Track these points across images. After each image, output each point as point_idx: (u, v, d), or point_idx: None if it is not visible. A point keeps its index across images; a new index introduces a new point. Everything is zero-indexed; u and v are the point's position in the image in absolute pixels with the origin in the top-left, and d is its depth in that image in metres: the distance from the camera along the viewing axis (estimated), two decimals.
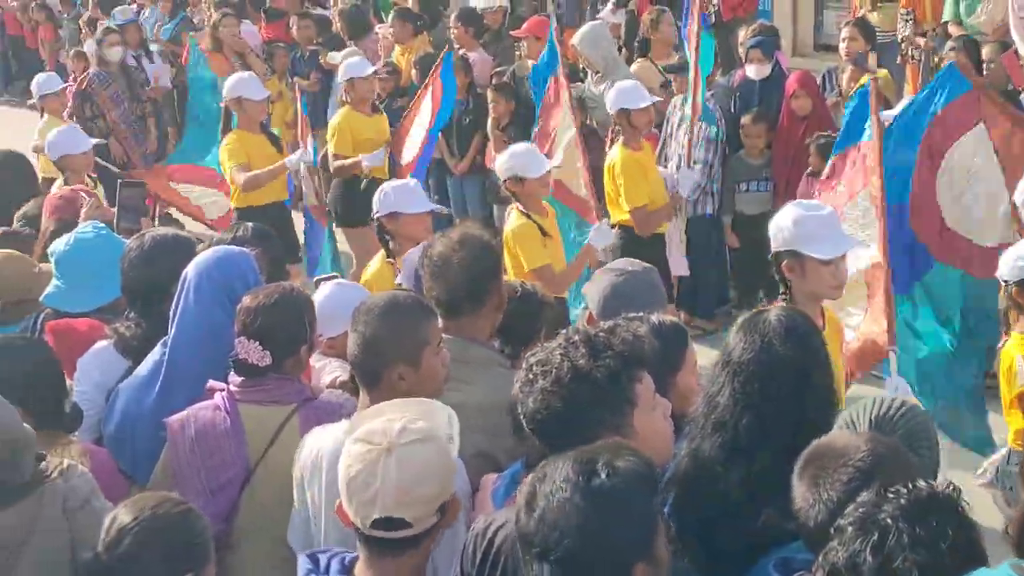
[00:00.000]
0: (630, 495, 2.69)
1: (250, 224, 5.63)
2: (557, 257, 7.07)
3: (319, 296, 5.07)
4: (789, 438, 3.29)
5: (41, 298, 5.13)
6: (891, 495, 2.57)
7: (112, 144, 11.64)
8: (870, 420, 3.26)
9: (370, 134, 9.48)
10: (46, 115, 11.00)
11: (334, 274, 6.43)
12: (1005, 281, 5.43)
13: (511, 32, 11.52)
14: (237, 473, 3.99)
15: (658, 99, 8.81)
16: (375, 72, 10.01)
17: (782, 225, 4.74)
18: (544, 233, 6.96)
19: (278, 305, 4.09)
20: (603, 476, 2.69)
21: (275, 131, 10.03)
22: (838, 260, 4.72)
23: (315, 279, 5.92)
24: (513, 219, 7.09)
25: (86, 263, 5.07)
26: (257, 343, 4.06)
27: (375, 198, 6.44)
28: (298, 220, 9.71)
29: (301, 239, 9.68)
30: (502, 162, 7.17)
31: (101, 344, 4.73)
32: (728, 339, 3.65)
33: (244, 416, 4.04)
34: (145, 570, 3.22)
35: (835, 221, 4.86)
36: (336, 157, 9.51)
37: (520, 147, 7.40)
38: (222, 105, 9.28)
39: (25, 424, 3.56)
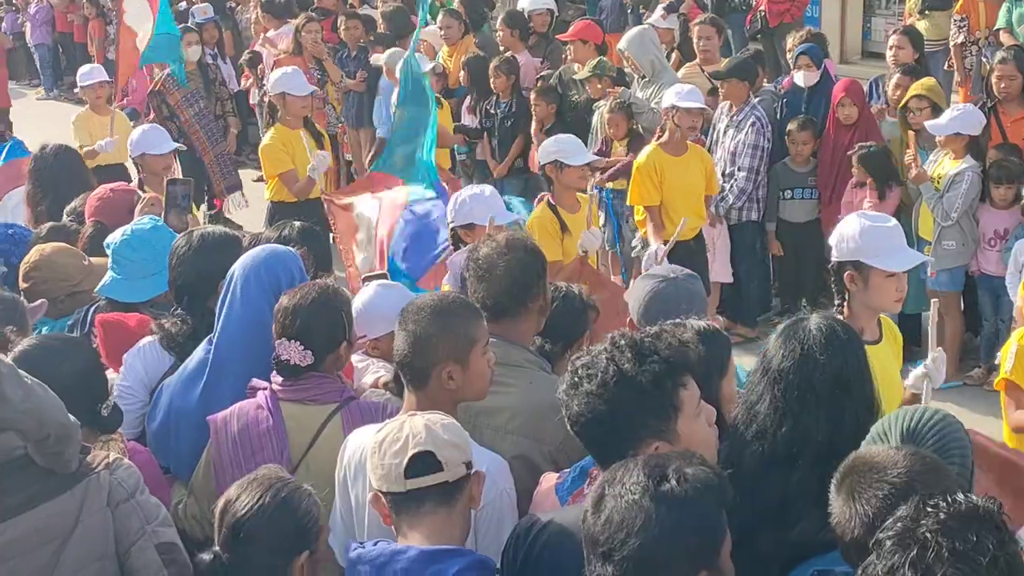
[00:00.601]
0: (698, 502, 2.71)
1: (296, 223, 5.65)
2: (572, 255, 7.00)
3: (364, 297, 5.08)
4: (827, 447, 3.30)
5: (96, 289, 5.19)
6: (930, 509, 2.55)
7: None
8: (902, 432, 3.23)
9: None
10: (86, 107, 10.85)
11: (383, 272, 6.37)
12: None
13: (558, 36, 11.50)
14: None
15: (701, 105, 8.77)
16: (432, 69, 10.01)
17: (847, 235, 4.67)
18: (564, 228, 6.95)
19: (316, 304, 4.11)
20: (673, 482, 2.72)
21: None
22: (901, 273, 4.67)
23: (363, 276, 5.91)
24: (538, 208, 7.14)
25: (142, 254, 5.14)
26: (298, 343, 4.08)
27: (449, 207, 6.35)
28: None
29: None
30: (545, 147, 7.23)
31: (147, 340, 4.77)
32: (767, 347, 3.65)
33: (286, 415, 4.07)
34: (264, 560, 3.35)
35: (900, 233, 4.77)
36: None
37: (565, 136, 7.46)
38: (266, 100, 9.37)
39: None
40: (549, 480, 3.70)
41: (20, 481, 3.52)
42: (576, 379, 3.24)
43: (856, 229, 4.65)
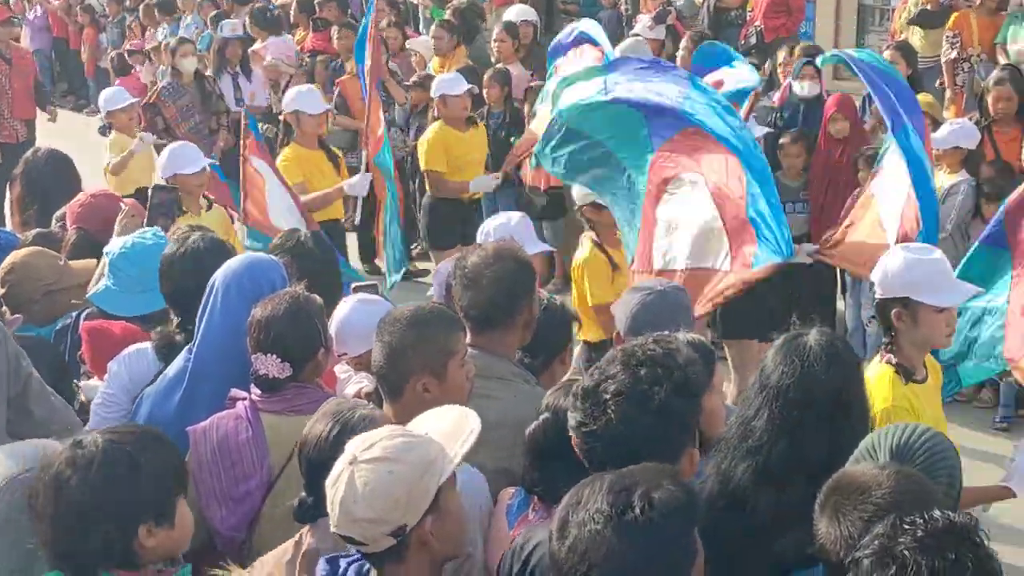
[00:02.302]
0: (665, 529, 2.61)
1: (305, 234, 5.60)
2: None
3: (340, 314, 5.02)
4: (824, 466, 3.25)
5: (88, 295, 5.15)
6: (907, 527, 2.51)
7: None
8: (890, 448, 3.19)
9: (464, 149, 9.53)
10: (113, 132, 10.56)
11: (372, 283, 6.26)
12: None
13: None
14: (259, 483, 3.97)
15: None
16: (469, 90, 9.91)
17: (892, 271, 4.51)
18: (614, 267, 6.81)
19: (288, 314, 4.07)
20: (638, 510, 2.60)
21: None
22: (951, 307, 4.56)
23: (352, 285, 5.83)
24: (585, 249, 6.97)
25: (140, 269, 5.05)
26: (275, 356, 4.04)
27: (479, 235, 6.12)
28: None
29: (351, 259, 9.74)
30: (580, 189, 7.01)
31: (133, 348, 4.72)
32: (765, 362, 3.61)
33: (266, 425, 4.03)
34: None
35: (947, 265, 4.65)
36: (428, 174, 9.61)
37: None
38: (281, 118, 9.28)
39: None
40: (503, 499, 3.68)
41: None
42: (620, 404, 3.13)
43: (901, 264, 4.50)
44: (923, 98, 8.92)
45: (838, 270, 9.21)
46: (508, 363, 4.20)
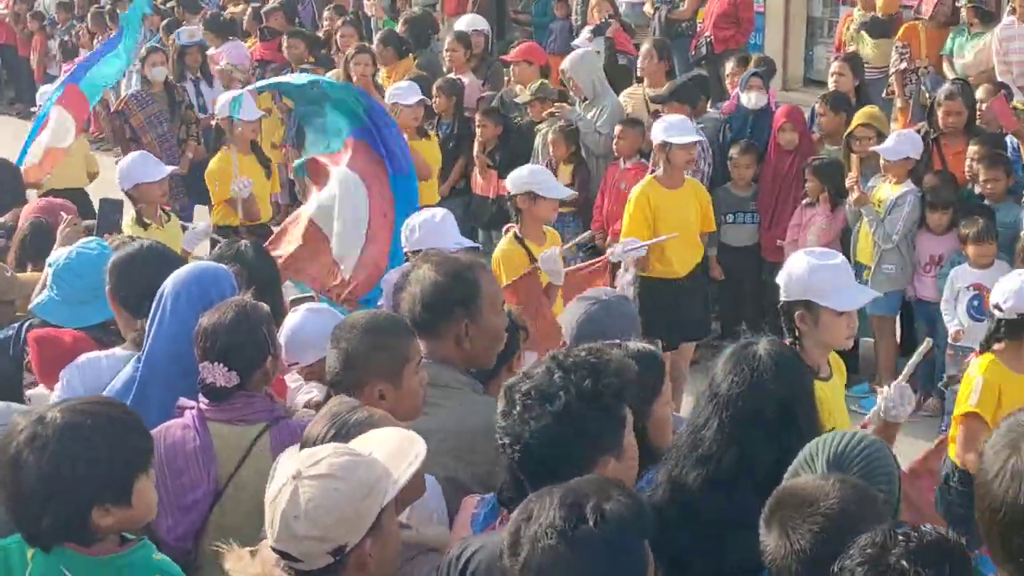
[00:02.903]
0: (618, 541, 2.61)
1: (246, 243, 5.57)
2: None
3: (291, 323, 4.99)
4: (772, 475, 3.26)
5: (31, 306, 5.10)
6: (900, 538, 2.50)
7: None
8: (828, 456, 3.20)
9: (415, 160, 9.43)
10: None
11: (309, 294, 6.28)
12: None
13: (502, 57, 11.50)
14: (206, 492, 3.94)
15: (702, 138, 8.72)
16: (421, 101, 9.92)
17: (795, 275, 4.64)
18: (532, 260, 6.80)
19: (235, 322, 4.04)
20: (591, 523, 2.59)
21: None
22: (851, 312, 4.65)
23: (291, 299, 5.82)
24: (503, 242, 7.04)
25: (85, 280, 5.01)
26: (222, 365, 4.01)
27: (403, 233, 6.23)
28: None
29: None
30: (519, 177, 7.08)
31: (86, 356, 4.68)
32: (715, 372, 3.62)
33: (214, 434, 4.00)
34: None
35: (849, 270, 4.77)
36: None
37: (539, 168, 7.47)
38: (213, 123, 9.26)
39: None
40: (467, 507, 3.65)
41: None
42: (527, 403, 3.16)
43: (804, 268, 4.62)
44: (870, 111, 9.05)
45: None
46: (453, 371, 4.16)
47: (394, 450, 3.11)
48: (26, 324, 5.16)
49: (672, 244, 7.88)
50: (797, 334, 4.65)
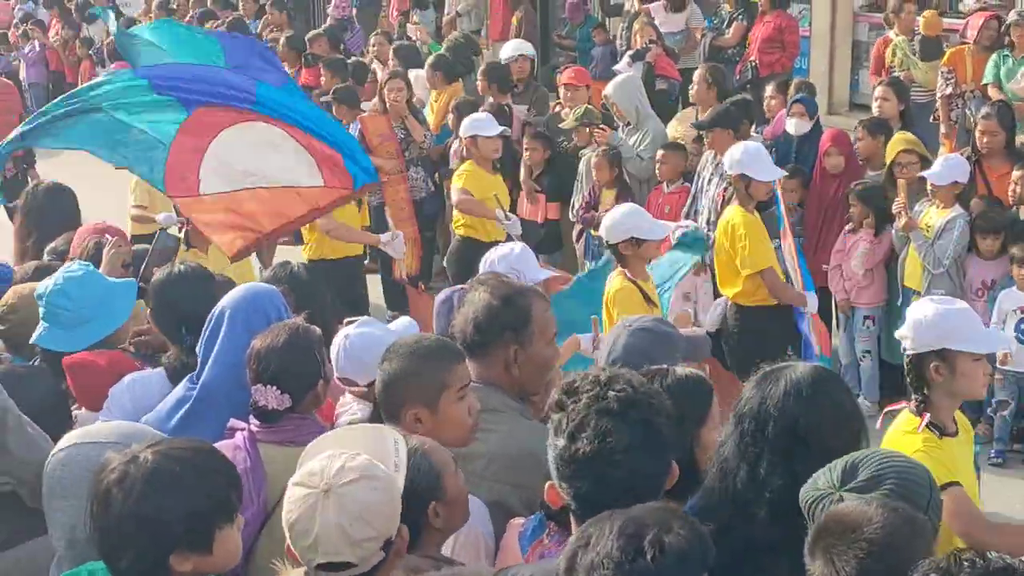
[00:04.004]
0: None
1: (299, 265, 5.61)
2: None
3: (346, 342, 4.90)
4: (787, 501, 3.22)
5: (33, 339, 5.13)
6: (965, 564, 2.47)
7: None
8: (843, 468, 3.13)
9: (490, 192, 9.41)
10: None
11: (363, 318, 6.24)
12: None
13: (565, 82, 11.21)
14: (255, 513, 3.95)
15: (785, 174, 8.61)
16: (501, 132, 9.77)
17: (925, 323, 4.35)
18: (647, 299, 6.79)
19: (288, 345, 4.08)
20: (649, 557, 2.53)
21: None
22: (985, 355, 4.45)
23: (346, 320, 5.79)
24: (616, 282, 6.91)
25: (78, 303, 5.07)
26: (274, 387, 4.05)
27: (482, 266, 6.10)
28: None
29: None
30: (618, 223, 6.88)
31: (136, 375, 4.76)
32: (744, 393, 3.58)
33: (264, 456, 4.02)
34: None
35: (975, 313, 4.53)
36: (461, 194, 9.49)
37: (629, 207, 7.28)
38: None
39: None
40: (514, 527, 3.65)
41: (4, 517, 3.51)
42: (599, 434, 3.04)
43: (934, 315, 4.35)
44: (905, 136, 9.00)
45: (833, 304, 9.22)
46: (502, 395, 4.15)
47: (373, 446, 3.19)
48: (36, 360, 5.17)
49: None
50: (927, 390, 4.40)
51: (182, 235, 7.68)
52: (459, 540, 3.60)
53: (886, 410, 4.74)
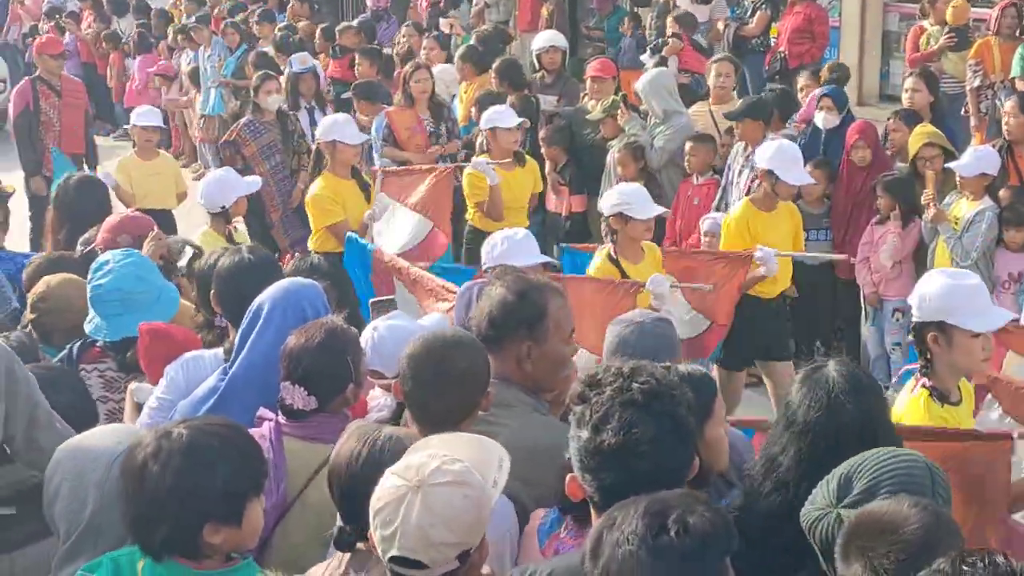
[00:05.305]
0: (698, 555, 2.59)
1: (319, 257, 5.64)
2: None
3: (376, 334, 4.90)
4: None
5: (91, 332, 5.17)
6: (966, 568, 2.47)
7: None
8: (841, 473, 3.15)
9: (505, 186, 9.33)
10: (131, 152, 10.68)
11: (390, 297, 6.23)
12: None
13: (591, 74, 11.03)
14: (274, 505, 3.96)
15: (812, 181, 8.66)
16: (519, 124, 9.69)
17: (929, 294, 4.49)
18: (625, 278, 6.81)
19: (321, 347, 4.07)
20: (672, 533, 2.59)
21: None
22: (986, 333, 4.52)
23: (371, 301, 5.79)
24: (596, 261, 7.05)
25: (144, 284, 5.16)
26: (302, 388, 4.06)
27: (484, 249, 6.27)
28: None
29: None
30: (609, 198, 7.14)
31: (191, 354, 4.79)
32: (791, 398, 3.59)
33: (288, 449, 4.04)
34: None
35: (985, 291, 4.61)
36: (476, 203, 9.45)
37: (631, 187, 7.39)
38: (314, 146, 9.16)
39: None
40: (534, 519, 3.67)
41: (32, 511, 3.56)
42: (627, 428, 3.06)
43: (939, 288, 4.49)
44: (925, 129, 8.94)
45: (861, 296, 9.20)
46: (516, 390, 4.15)
47: (477, 455, 3.18)
48: (79, 344, 5.23)
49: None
50: (929, 356, 4.52)
51: (207, 226, 7.79)
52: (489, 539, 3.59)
53: (903, 369, 4.76)
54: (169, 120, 16.16)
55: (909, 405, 4.52)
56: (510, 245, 6.14)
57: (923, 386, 4.54)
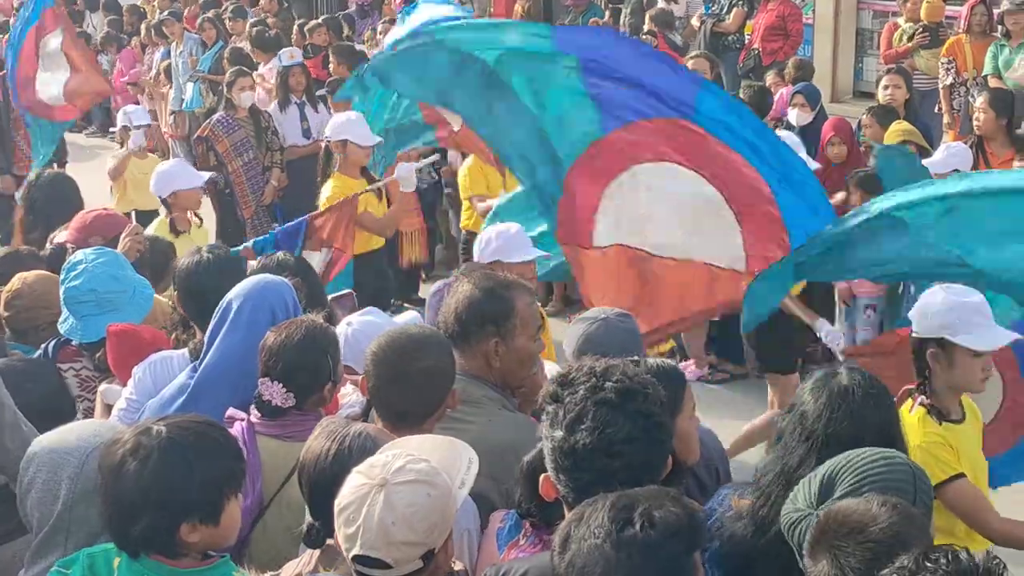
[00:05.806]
0: (663, 548, 2.59)
1: (283, 254, 5.60)
2: None
3: (348, 330, 4.95)
4: None
5: (61, 330, 5.12)
6: (930, 564, 2.47)
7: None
8: (822, 476, 3.14)
9: (496, 181, 9.32)
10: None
11: (347, 291, 6.22)
12: None
13: None
14: (250, 505, 3.95)
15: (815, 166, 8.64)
16: None
17: (930, 310, 4.45)
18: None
19: (301, 345, 4.05)
20: (637, 527, 2.59)
21: None
22: (987, 351, 4.47)
23: (330, 297, 5.75)
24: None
25: (119, 284, 5.11)
26: (280, 385, 4.04)
27: (476, 245, 6.24)
28: None
29: None
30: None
31: (159, 355, 4.75)
32: (806, 408, 3.57)
33: (262, 449, 4.02)
34: None
35: (987, 308, 4.52)
36: (472, 199, 9.47)
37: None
38: (324, 144, 9.06)
39: None
40: (494, 522, 3.67)
41: (4, 511, 3.53)
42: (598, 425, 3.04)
43: (941, 304, 4.43)
44: (901, 126, 8.98)
45: (836, 293, 9.21)
46: (485, 387, 4.15)
47: (447, 457, 3.18)
48: (54, 343, 5.17)
49: None
50: (928, 374, 4.48)
51: (167, 219, 7.71)
52: None
53: (904, 388, 4.73)
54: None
55: (906, 423, 4.44)
56: (504, 241, 6.10)
57: (920, 404, 4.48)
